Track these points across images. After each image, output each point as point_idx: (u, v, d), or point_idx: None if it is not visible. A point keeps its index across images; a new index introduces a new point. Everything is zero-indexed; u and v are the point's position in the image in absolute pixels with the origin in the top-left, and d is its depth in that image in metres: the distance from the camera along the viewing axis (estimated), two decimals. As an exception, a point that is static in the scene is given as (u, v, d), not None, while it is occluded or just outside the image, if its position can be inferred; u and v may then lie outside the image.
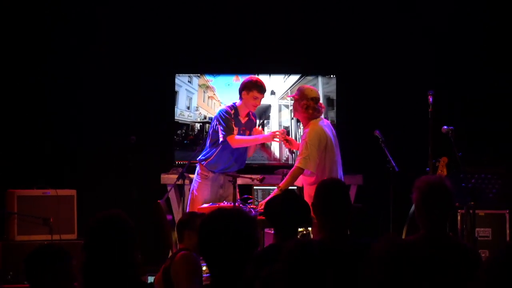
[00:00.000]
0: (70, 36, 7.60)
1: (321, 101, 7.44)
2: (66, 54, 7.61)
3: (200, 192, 6.15)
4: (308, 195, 5.69)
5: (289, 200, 4.07)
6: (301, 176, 5.77)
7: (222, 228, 2.80)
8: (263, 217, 5.44)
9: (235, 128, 6.12)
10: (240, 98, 6.19)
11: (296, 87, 7.47)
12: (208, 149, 6.19)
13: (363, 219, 6.99)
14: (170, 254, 6.09)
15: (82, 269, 2.95)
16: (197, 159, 6.25)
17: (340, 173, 5.86)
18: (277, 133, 6.14)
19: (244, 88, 6.15)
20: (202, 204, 6.00)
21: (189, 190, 6.29)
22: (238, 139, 6.09)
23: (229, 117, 6.11)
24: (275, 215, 4.03)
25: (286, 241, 3.84)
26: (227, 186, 6.18)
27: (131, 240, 2.94)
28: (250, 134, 6.26)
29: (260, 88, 6.13)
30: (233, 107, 6.20)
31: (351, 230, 4.08)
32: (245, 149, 6.26)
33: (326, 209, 3.81)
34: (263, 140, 6.26)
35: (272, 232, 6.00)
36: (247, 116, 6.24)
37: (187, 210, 6.18)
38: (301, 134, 6.48)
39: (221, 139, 6.07)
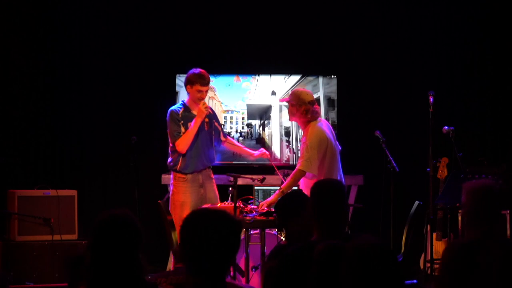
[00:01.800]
0: (71, 36, 7.61)
1: (321, 101, 7.52)
2: (66, 54, 7.61)
3: (182, 194, 6.01)
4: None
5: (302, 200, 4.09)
6: (302, 178, 5.77)
7: (204, 229, 2.77)
8: (263, 217, 5.48)
9: (183, 128, 5.99)
10: (187, 93, 6.10)
11: (297, 87, 7.50)
12: (171, 156, 6.10)
13: (363, 219, 7.01)
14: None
15: (86, 269, 2.91)
16: (169, 168, 6.14)
17: (340, 174, 5.86)
18: (203, 108, 5.93)
19: (188, 83, 6.03)
20: (187, 206, 5.92)
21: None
22: (180, 141, 5.97)
23: (173, 119, 6.01)
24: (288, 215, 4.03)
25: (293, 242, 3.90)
26: (207, 185, 6.10)
27: (138, 240, 2.91)
28: (209, 127, 6.10)
29: (202, 80, 5.98)
30: (182, 104, 6.10)
31: (351, 230, 4.09)
32: (210, 143, 6.12)
33: (321, 209, 3.82)
34: (197, 124, 5.94)
35: (273, 232, 6.03)
36: None
37: (173, 216, 6.08)
38: (301, 135, 6.47)
39: (172, 146, 6.04)
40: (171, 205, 6.06)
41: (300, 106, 5.76)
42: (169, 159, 6.12)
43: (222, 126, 6.43)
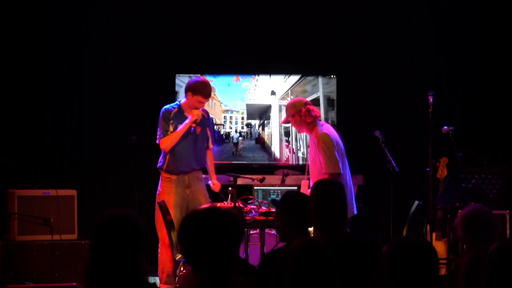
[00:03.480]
0: (71, 36, 7.61)
1: (321, 101, 7.52)
2: (67, 54, 7.61)
3: (166, 195, 6.05)
4: None
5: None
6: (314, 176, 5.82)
7: (203, 227, 2.76)
8: (263, 217, 5.49)
9: (171, 127, 6.06)
10: (185, 97, 6.13)
11: (297, 88, 7.53)
12: (162, 154, 6.17)
13: (363, 219, 7.00)
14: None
15: (86, 269, 2.90)
16: (157, 166, 6.20)
17: (349, 173, 5.92)
18: (196, 113, 6.01)
19: (190, 90, 6.06)
20: (171, 207, 5.94)
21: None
22: (164, 140, 6.05)
23: (165, 118, 6.07)
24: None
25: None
26: (193, 186, 6.14)
27: (140, 240, 2.91)
28: (203, 130, 6.17)
29: (206, 94, 6.03)
30: (177, 105, 6.15)
31: (351, 230, 4.09)
32: (202, 147, 6.19)
33: (320, 209, 3.83)
34: (186, 126, 6.03)
35: (273, 232, 6.03)
36: None
37: (155, 217, 6.08)
38: (304, 134, 6.49)
39: (157, 142, 6.11)
40: (156, 204, 6.09)
41: (300, 111, 5.77)
42: (160, 158, 6.17)
43: (219, 131, 6.46)
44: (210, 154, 6.36)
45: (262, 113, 7.61)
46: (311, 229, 5.47)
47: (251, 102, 7.63)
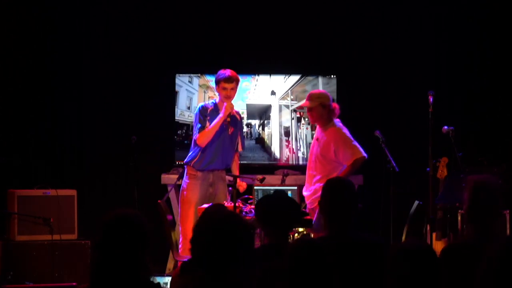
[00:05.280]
0: (71, 36, 7.61)
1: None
2: (67, 54, 7.61)
3: (190, 191, 6.12)
4: None
5: (281, 200, 4.07)
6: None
7: (221, 230, 2.79)
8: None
9: (208, 124, 6.12)
10: (218, 94, 6.25)
11: (297, 88, 7.52)
12: (192, 150, 6.21)
13: (363, 219, 7.01)
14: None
15: (91, 269, 2.90)
16: (184, 161, 6.25)
17: None
18: (229, 106, 6.10)
19: (215, 84, 6.22)
20: (193, 203, 6.01)
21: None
22: (201, 135, 6.10)
23: (202, 113, 6.15)
24: (268, 215, 4.02)
25: (280, 240, 3.88)
26: (216, 184, 6.19)
27: (146, 241, 2.91)
28: (234, 131, 6.24)
29: (225, 78, 6.13)
30: (214, 103, 6.24)
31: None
32: (230, 147, 6.24)
33: (329, 207, 3.84)
34: (220, 120, 6.09)
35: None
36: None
37: (179, 212, 6.17)
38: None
39: (195, 139, 6.15)
40: (180, 200, 6.17)
41: (326, 105, 5.95)
42: (189, 153, 6.19)
43: (243, 138, 6.50)
44: (237, 157, 6.41)
45: (262, 113, 7.62)
46: (302, 229, 5.52)
47: (251, 102, 7.63)
